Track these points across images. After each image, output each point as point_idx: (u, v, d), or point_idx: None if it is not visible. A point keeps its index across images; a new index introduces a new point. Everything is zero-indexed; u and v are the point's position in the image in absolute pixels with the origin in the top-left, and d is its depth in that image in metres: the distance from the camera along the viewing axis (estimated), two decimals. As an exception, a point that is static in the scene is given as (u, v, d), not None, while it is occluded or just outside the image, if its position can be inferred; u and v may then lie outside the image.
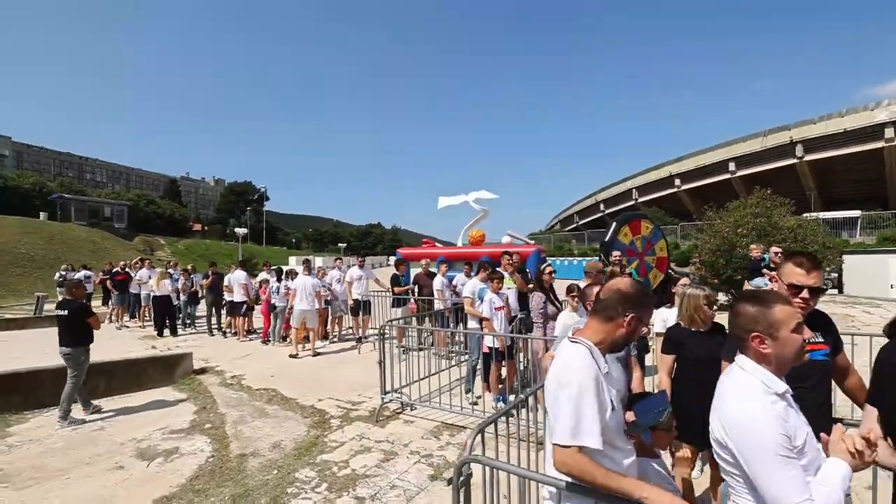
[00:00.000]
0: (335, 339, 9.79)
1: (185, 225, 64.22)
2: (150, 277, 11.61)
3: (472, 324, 6.08)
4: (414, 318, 8.02)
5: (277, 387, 6.71)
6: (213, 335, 10.94)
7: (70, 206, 39.08)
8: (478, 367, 5.88)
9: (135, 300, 12.70)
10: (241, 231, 45.74)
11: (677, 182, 49.65)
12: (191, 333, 11.49)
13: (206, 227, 74.42)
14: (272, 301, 9.70)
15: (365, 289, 9.39)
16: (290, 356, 8.38)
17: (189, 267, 12.88)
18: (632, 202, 54.51)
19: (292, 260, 39.89)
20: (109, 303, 14.22)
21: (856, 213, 29.27)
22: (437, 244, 17.61)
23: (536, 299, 5.29)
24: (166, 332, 10.93)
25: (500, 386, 5.74)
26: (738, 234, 16.30)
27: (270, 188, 78.06)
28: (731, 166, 44.65)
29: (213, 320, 11.14)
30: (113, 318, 12.90)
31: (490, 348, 5.73)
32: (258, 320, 10.71)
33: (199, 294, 12.08)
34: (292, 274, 9.69)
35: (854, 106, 38.21)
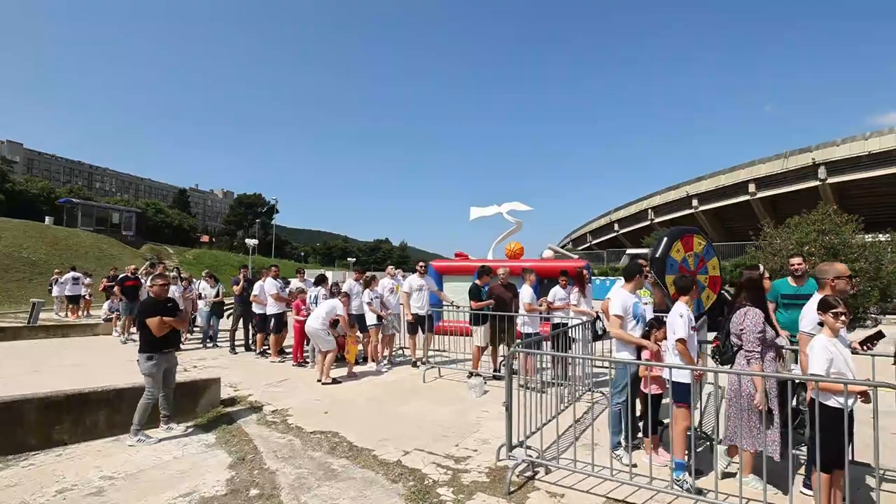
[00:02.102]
0: (387, 364, 8.00)
1: (193, 235, 63.03)
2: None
3: (623, 352, 4.37)
4: (546, 343, 6.12)
5: (338, 429, 4.97)
6: (235, 353, 9.22)
7: (77, 211, 37.81)
8: (626, 411, 4.16)
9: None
10: (251, 242, 44.37)
11: (695, 203, 48.85)
12: (208, 348, 9.79)
13: (213, 239, 73.17)
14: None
15: (426, 301, 7.68)
16: (322, 383, 6.74)
17: (187, 275, 11.23)
18: (647, 222, 53.78)
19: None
20: (105, 308, 12.65)
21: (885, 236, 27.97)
22: (470, 258, 16.11)
23: (753, 317, 3.59)
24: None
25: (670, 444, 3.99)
26: (805, 253, 14.73)
27: (279, 203, 76.93)
28: (752, 187, 43.71)
29: (239, 335, 9.47)
30: (118, 329, 11.23)
31: (657, 387, 4.03)
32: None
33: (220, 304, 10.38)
34: (325, 282, 8.11)
35: (879, 129, 37.42)
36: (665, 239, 15.36)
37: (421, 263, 7.94)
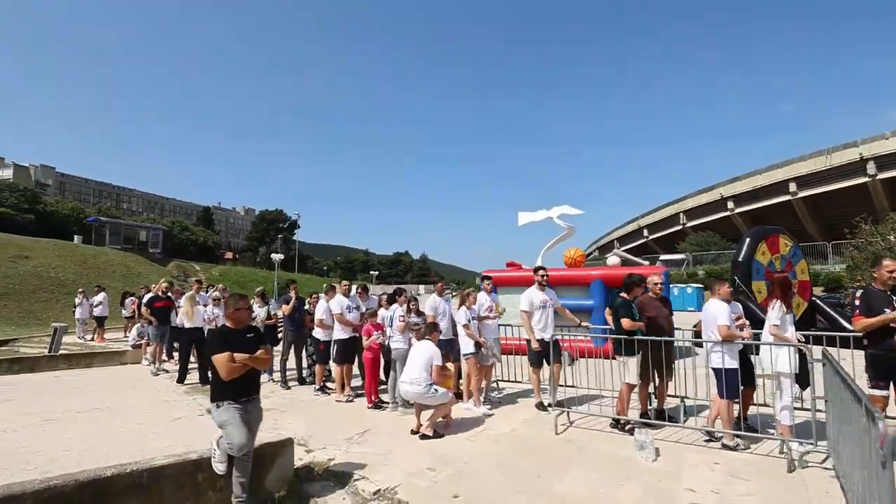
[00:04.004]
0: (488, 405, 6.14)
1: (217, 252, 62.59)
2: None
3: None
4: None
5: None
6: (288, 388, 7.54)
7: (105, 229, 37.31)
8: None
9: (177, 336, 9.44)
10: (276, 256, 43.37)
11: (730, 205, 46.62)
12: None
13: (237, 255, 72.80)
14: (384, 341, 6.24)
15: (550, 322, 5.87)
16: (422, 436, 4.97)
17: (218, 290, 9.61)
18: (679, 227, 51.84)
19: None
20: (133, 333, 11.18)
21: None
22: (523, 267, 14.41)
23: None
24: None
25: None
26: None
27: (300, 219, 76.55)
28: (792, 187, 41.37)
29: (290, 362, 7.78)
30: (148, 357, 9.72)
31: None
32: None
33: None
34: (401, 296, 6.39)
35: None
36: (748, 240, 13.23)
37: (542, 273, 6.09)
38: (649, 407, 5.43)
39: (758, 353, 4.87)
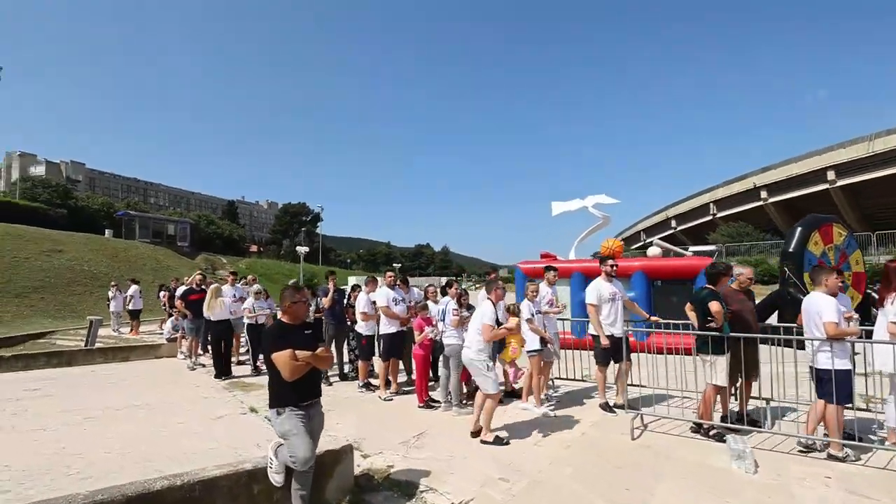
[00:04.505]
0: (550, 405, 5.70)
1: (242, 245, 63.34)
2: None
3: None
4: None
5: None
6: (331, 384, 7.21)
7: (135, 223, 37.95)
8: None
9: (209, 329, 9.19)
10: (302, 249, 43.49)
11: (763, 194, 44.77)
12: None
13: (261, 248, 73.60)
14: (438, 336, 5.83)
15: (620, 316, 5.35)
16: (482, 440, 4.53)
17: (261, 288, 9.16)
18: (709, 217, 50.22)
19: (352, 279, 36.74)
20: (168, 326, 11.03)
21: None
22: (558, 258, 13.88)
23: None
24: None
25: None
26: None
27: (323, 212, 76.76)
28: (830, 175, 39.35)
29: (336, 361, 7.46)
30: (184, 351, 9.55)
31: None
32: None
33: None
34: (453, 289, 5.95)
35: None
36: (799, 230, 12.31)
37: (611, 262, 5.56)
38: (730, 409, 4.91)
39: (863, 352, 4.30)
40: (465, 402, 5.67)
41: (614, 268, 5.57)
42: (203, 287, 9.24)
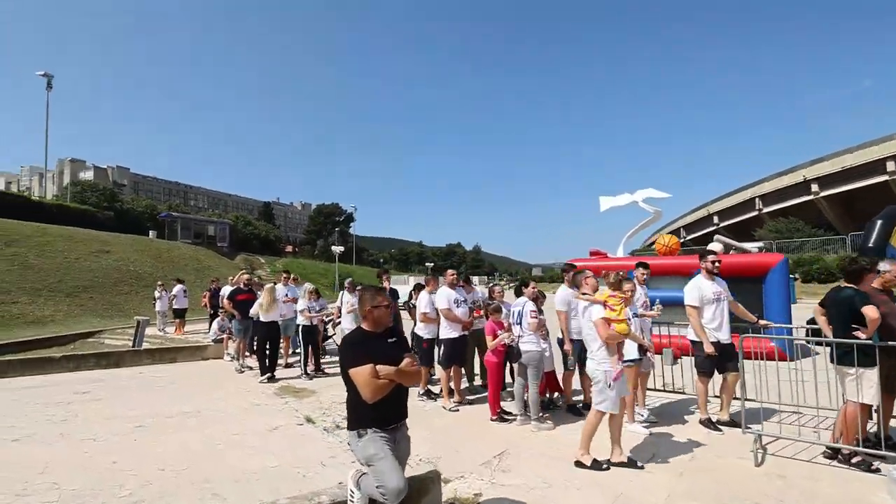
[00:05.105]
0: (651, 417, 5.02)
1: (278, 245, 64.45)
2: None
3: None
4: None
5: None
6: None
7: (177, 224, 38.93)
8: None
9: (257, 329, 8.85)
10: (337, 249, 43.79)
11: (815, 188, 42.28)
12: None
13: (296, 248, 74.76)
14: (514, 340, 5.20)
15: (726, 320, 4.61)
16: (578, 463, 3.87)
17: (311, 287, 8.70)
18: (755, 212, 47.87)
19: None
20: (214, 327, 10.84)
21: None
22: (608, 255, 13.06)
23: None
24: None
25: None
26: None
27: (356, 213, 77.47)
28: (890, 166, 36.88)
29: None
30: (231, 352, 9.29)
31: None
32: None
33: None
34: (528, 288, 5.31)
35: None
36: (879, 223, 11.11)
37: (711, 258, 4.85)
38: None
39: None
40: (543, 415, 5.05)
41: (716, 264, 4.82)
42: (251, 287, 8.95)
